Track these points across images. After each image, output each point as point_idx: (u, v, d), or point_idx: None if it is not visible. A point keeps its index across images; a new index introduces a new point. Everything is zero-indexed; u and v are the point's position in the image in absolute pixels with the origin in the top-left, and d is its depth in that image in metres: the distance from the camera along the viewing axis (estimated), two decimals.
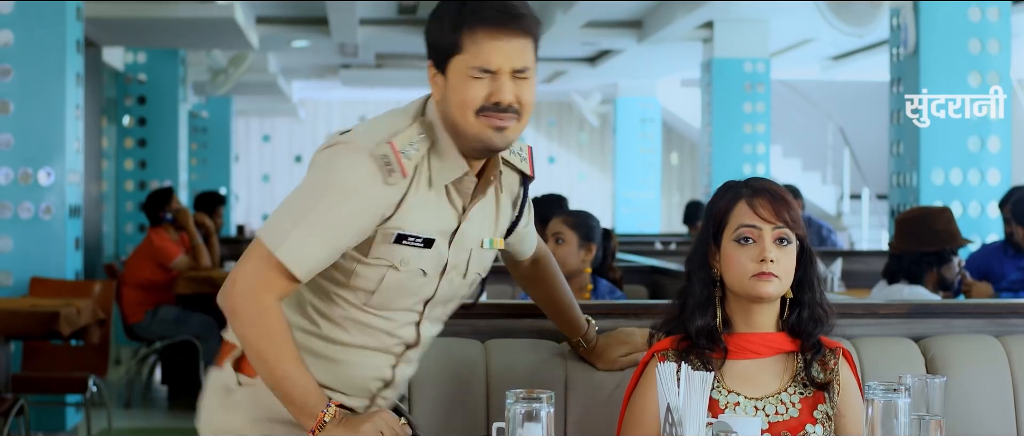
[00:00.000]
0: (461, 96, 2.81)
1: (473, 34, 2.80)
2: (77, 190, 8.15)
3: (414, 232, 2.85)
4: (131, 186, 12.93)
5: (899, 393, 2.42)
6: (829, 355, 3.09)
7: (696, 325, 3.06)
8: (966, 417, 3.49)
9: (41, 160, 7.90)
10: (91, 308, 7.13)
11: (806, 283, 3.09)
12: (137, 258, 9.64)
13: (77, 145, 8.14)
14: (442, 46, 2.83)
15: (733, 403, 3.02)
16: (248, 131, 22.65)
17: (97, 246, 12.23)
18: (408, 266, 2.88)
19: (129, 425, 8.98)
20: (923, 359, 3.55)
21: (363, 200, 2.79)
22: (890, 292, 5.46)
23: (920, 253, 5.48)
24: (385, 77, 16.99)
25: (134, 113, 13.07)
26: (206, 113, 17.66)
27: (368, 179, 2.79)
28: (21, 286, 7.82)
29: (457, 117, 2.82)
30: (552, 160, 22.84)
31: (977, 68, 8.09)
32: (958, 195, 8.13)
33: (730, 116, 13.13)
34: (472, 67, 2.80)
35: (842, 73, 17.29)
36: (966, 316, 3.69)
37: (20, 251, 7.87)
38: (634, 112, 18.58)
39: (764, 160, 13.26)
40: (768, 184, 3.08)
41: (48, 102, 7.91)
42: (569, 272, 5.48)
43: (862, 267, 8.26)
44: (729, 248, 3.03)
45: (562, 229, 5.51)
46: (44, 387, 7.47)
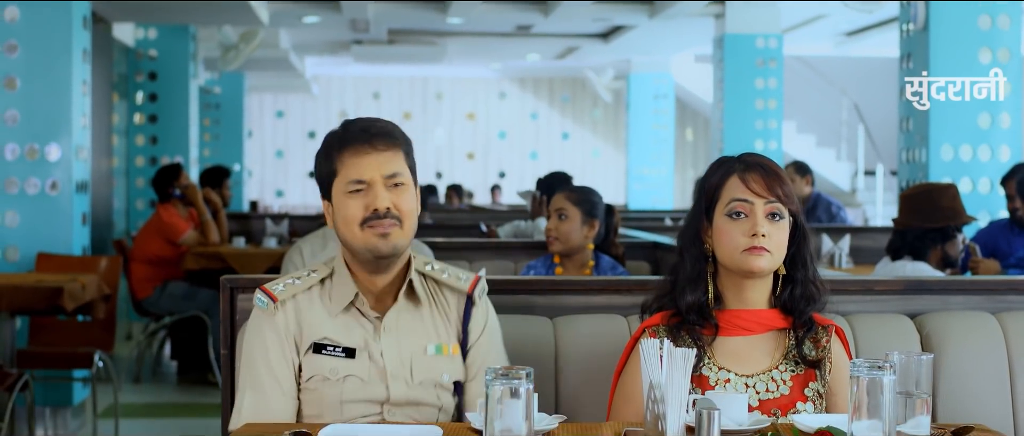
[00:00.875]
0: (344, 214, 3.07)
1: (342, 156, 3.08)
2: (84, 166, 8.14)
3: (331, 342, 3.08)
4: (142, 162, 12.93)
5: (884, 370, 2.40)
6: (821, 332, 3.07)
7: (686, 301, 3.04)
8: (961, 394, 3.47)
9: (48, 136, 7.88)
10: (97, 283, 7.13)
11: (799, 260, 3.07)
12: (146, 234, 9.65)
13: (84, 121, 8.13)
14: (323, 176, 3.13)
15: (723, 380, 3.01)
16: (262, 107, 22.64)
17: (107, 222, 12.23)
18: (337, 374, 3.06)
19: (138, 400, 9.00)
20: (918, 336, 3.53)
21: (264, 340, 3.07)
22: (893, 268, 5.43)
23: (924, 229, 5.44)
24: (397, 53, 16.95)
25: (145, 89, 13.05)
26: (219, 89, 17.64)
27: (260, 324, 3.10)
28: (28, 261, 7.82)
29: (346, 235, 3.08)
30: (566, 136, 22.79)
31: (987, 44, 8.03)
32: (968, 171, 8.08)
33: (742, 92, 13.08)
34: (348, 183, 3.06)
35: (856, 49, 17.22)
36: (963, 293, 3.66)
37: (27, 226, 7.86)
38: (647, 88, 18.52)
39: (776, 136, 13.22)
40: (761, 159, 3.05)
41: (55, 78, 7.89)
42: (572, 248, 5.47)
43: (871, 243, 8.22)
44: (721, 223, 3.02)
45: (565, 205, 5.49)
46: (49, 362, 7.47)
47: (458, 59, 19.60)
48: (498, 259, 6.07)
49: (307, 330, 3.07)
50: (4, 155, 7.83)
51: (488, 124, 22.89)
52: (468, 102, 22.93)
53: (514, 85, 22.88)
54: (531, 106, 22.89)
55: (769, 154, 12.95)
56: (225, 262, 9.29)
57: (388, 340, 3.08)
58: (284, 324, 3.07)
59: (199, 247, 9.50)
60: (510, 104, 22.88)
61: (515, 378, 2.29)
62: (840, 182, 19.17)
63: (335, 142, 3.11)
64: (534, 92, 22.84)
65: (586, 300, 3.59)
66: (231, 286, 3.52)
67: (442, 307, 3.18)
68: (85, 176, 8.18)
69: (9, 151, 7.83)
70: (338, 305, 3.09)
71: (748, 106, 13.09)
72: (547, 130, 22.76)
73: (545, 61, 19.71)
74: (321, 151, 3.14)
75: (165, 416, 8.55)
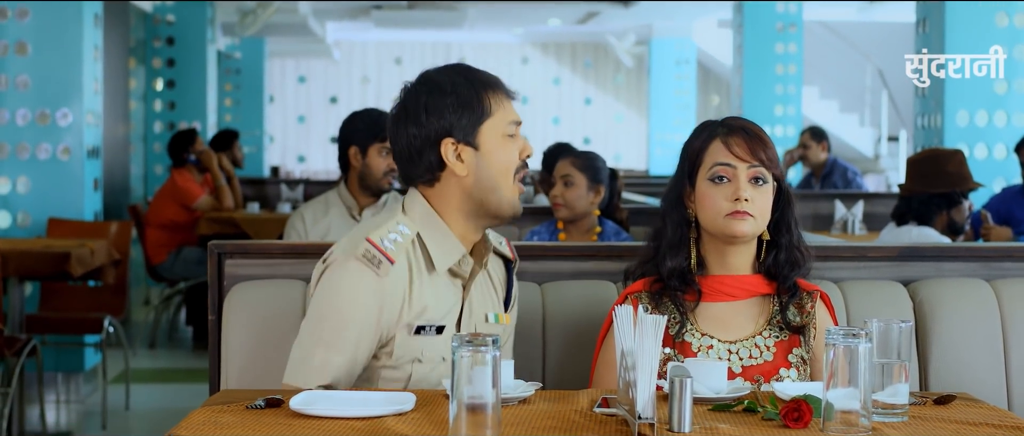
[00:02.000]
0: (505, 160, 2.93)
1: (497, 95, 2.94)
2: (95, 131, 8.13)
3: (427, 322, 2.91)
4: (160, 127, 12.93)
5: (859, 338, 2.36)
6: (806, 298, 3.04)
7: (668, 266, 3.01)
8: (953, 362, 3.42)
9: (59, 101, 7.87)
10: (106, 249, 7.13)
11: (784, 225, 3.03)
12: (160, 199, 9.66)
13: (96, 86, 8.12)
14: (471, 103, 2.91)
15: (706, 346, 2.98)
16: (284, 72, 22.61)
17: (124, 187, 12.26)
18: (429, 354, 2.92)
19: (152, 365, 9.02)
20: (911, 303, 3.48)
21: (365, 304, 2.85)
22: (898, 234, 5.38)
23: (930, 195, 5.39)
24: (417, 18, 16.90)
25: (162, 55, 13.04)
26: (239, 54, 17.63)
27: (361, 282, 2.84)
28: (39, 227, 7.83)
29: (501, 182, 2.92)
30: (588, 101, 22.71)
31: (1003, 9, 7.94)
32: (983, 137, 8.00)
33: (762, 57, 13.00)
34: (509, 123, 2.94)
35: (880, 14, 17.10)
36: (958, 260, 3.61)
37: (38, 192, 7.86)
38: (669, 54, 18.44)
39: (796, 101, 13.14)
40: (744, 123, 3.01)
41: (66, 43, 7.88)
42: (578, 214, 5.44)
43: (885, 209, 8.13)
44: (703, 187, 2.98)
45: (571, 171, 5.46)
46: (59, 327, 7.48)
47: (480, 24, 19.53)
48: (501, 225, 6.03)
49: (407, 302, 2.89)
50: (15, 120, 7.82)
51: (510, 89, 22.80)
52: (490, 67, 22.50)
53: (536, 50, 22.78)
54: (553, 71, 22.80)
55: (788, 119, 12.96)
56: (239, 227, 9.29)
57: (467, 308, 3.00)
58: (391, 292, 2.86)
59: (213, 212, 9.50)
60: (532, 69, 22.79)
61: (481, 345, 2.26)
62: (863, 148, 19.06)
63: (496, 83, 2.97)
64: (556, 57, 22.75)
65: (576, 266, 3.55)
66: (219, 251, 3.49)
67: (497, 273, 3.15)
68: (97, 141, 8.17)
69: (20, 116, 7.83)
70: (442, 264, 2.93)
71: (768, 71, 13.01)
72: (569, 95, 22.67)
73: (566, 26, 19.62)
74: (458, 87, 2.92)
75: (178, 381, 8.57)
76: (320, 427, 2.39)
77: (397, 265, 2.87)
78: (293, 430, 2.36)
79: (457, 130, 2.91)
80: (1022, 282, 3.54)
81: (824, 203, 8.29)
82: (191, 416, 2.48)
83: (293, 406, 2.49)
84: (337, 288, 2.86)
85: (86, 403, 7.78)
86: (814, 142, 10.07)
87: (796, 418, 2.42)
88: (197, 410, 2.54)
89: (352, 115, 5.39)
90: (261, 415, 2.49)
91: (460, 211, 2.96)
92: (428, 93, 2.92)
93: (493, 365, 2.27)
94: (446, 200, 2.96)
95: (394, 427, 2.37)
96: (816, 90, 19.38)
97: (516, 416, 2.51)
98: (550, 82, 22.76)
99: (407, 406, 2.52)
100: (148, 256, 9.57)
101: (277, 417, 2.47)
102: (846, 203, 7.93)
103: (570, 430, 2.39)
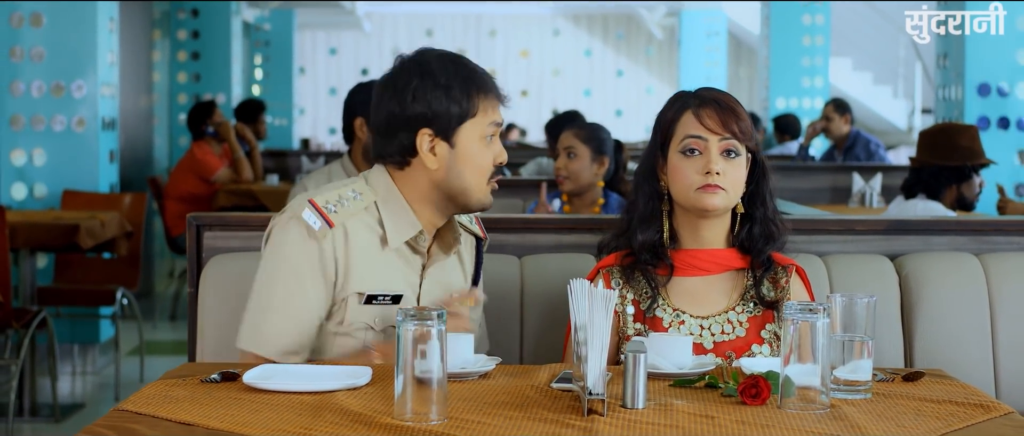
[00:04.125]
0: (479, 162, 2.88)
1: (486, 98, 2.89)
2: (111, 103, 8.13)
3: (380, 291, 2.88)
4: (185, 99, 12.93)
5: (817, 313, 2.31)
6: (781, 272, 2.99)
7: (640, 240, 2.96)
8: (939, 336, 3.37)
9: (74, 72, 7.87)
10: (118, 221, 7.12)
11: (758, 198, 2.98)
12: (179, 171, 9.67)
13: (111, 58, 8.11)
14: (457, 103, 2.86)
15: (677, 322, 2.93)
16: (315, 44, 22.58)
17: (148, 159, 12.27)
18: (383, 323, 2.89)
19: (172, 337, 9.04)
20: (897, 277, 3.43)
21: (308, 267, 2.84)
22: (905, 207, 5.32)
23: (940, 167, 5.32)
24: None
25: (187, 26, 13.04)
26: (268, 26, 17.60)
27: (299, 243, 2.84)
28: (54, 199, 7.84)
29: (470, 182, 2.89)
30: (620, 74, 22.57)
31: None
32: (1004, 109, 7.90)
33: (789, 28, 12.91)
34: (489, 126, 2.89)
35: None
36: (947, 233, 3.55)
37: (53, 164, 7.87)
38: (699, 26, 18.33)
39: (823, 72, 13.05)
40: (717, 94, 2.95)
41: (81, 15, 7.87)
42: (582, 186, 5.40)
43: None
44: (675, 160, 2.93)
45: (574, 143, 5.41)
46: (72, 299, 7.49)
47: None
48: (507, 197, 6.00)
49: (354, 269, 2.85)
50: (30, 92, 7.83)
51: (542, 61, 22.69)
52: (522, 39, 22.71)
53: (568, 22, 22.66)
54: (585, 43, 22.66)
55: (815, 91, 12.86)
56: (257, 199, 9.27)
57: (428, 284, 2.96)
58: (331, 256, 2.84)
59: (232, 184, 9.49)
60: (564, 41, 22.66)
61: (427, 319, 2.23)
62: (896, 120, 18.90)
63: (491, 86, 2.92)
64: (588, 29, 22.62)
65: (556, 238, 3.52)
66: (197, 224, 3.47)
67: (468, 250, 3.12)
68: (113, 113, 8.17)
69: (35, 88, 7.83)
70: (396, 238, 2.90)
71: (795, 42, 12.92)
72: (601, 67, 22.53)
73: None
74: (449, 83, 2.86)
75: None
76: (269, 401, 2.36)
77: (339, 230, 2.85)
78: (241, 405, 2.33)
79: (437, 123, 2.87)
80: (1011, 256, 3.49)
81: (842, 176, 8.20)
82: (143, 390, 2.46)
83: (247, 381, 2.46)
84: (281, 250, 2.86)
85: (101, 375, 7.79)
86: (837, 115, 9.98)
87: (754, 394, 2.37)
88: (152, 383, 2.52)
89: (358, 86, 5.36)
90: (214, 389, 2.46)
91: (426, 199, 2.93)
92: (420, 77, 2.87)
93: (439, 339, 2.23)
94: (412, 185, 2.92)
95: (343, 402, 2.34)
96: (849, 62, 19.22)
97: (470, 391, 2.48)
98: (581, 54, 22.65)
99: (361, 380, 2.49)
100: (168, 228, 9.58)
101: (229, 391, 2.45)
102: (865, 176, 7.84)
103: (521, 405, 2.35)
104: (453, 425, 2.19)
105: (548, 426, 2.20)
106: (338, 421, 2.22)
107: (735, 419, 2.25)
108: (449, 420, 2.23)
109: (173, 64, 13.14)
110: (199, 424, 2.20)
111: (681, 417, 2.26)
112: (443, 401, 2.23)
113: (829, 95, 12.93)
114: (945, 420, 2.27)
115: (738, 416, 2.28)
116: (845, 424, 2.22)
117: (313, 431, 2.15)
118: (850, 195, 7.83)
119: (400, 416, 2.22)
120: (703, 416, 2.27)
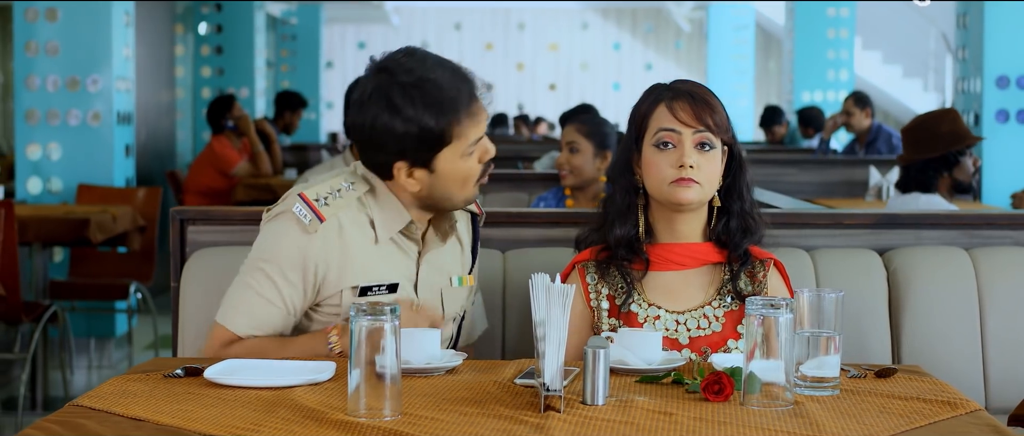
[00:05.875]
0: (463, 175, 2.82)
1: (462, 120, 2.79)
2: (126, 97, 8.14)
3: (375, 282, 2.85)
4: (208, 93, 12.95)
5: (780, 308, 2.28)
6: (758, 266, 2.95)
7: (615, 234, 2.93)
8: (927, 332, 3.33)
9: (89, 67, 7.89)
10: (131, 215, 7.14)
11: (735, 191, 2.94)
12: (199, 165, 9.67)
13: (126, 52, 8.13)
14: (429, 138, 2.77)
15: (653, 317, 2.90)
16: (344, 38, 22.62)
17: (169, 153, 12.30)
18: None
19: None
20: (885, 272, 3.38)
21: (293, 260, 2.81)
22: (904, 201, 5.25)
23: (926, 161, 5.25)
24: None
25: (210, 20, 13.06)
26: (295, 20, 17.63)
27: (289, 237, 2.81)
28: (69, 193, 7.86)
29: (456, 193, 2.85)
30: (649, 67, 22.53)
31: None
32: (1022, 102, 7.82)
33: (814, 21, 12.84)
34: (470, 145, 2.82)
35: None
36: (937, 227, 3.51)
37: (69, 158, 7.89)
38: (727, 19, 18.25)
39: (848, 65, 12.98)
40: (691, 86, 2.91)
41: (96, 9, 7.89)
42: (584, 181, 5.36)
43: None
44: (649, 153, 2.89)
45: (576, 138, 5.36)
46: (84, 294, 7.51)
47: None
48: (508, 191, 5.97)
49: (350, 262, 2.81)
50: (45, 86, 7.85)
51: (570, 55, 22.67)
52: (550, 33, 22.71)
53: (597, 15, 22.63)
54: (614, 37, 22.64)
55: (840, 84, 12.78)
56: (276, 193, 9.25)
57: (425, 271, 2.94)
58: (321, 252, 2.80)
59: (251, 178, 9.49)
60: (592, 35, 22.64)
61: (379, 314, 2.20)
62: None
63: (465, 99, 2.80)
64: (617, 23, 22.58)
65: (542, 233, 3.49)
66: (181, 218, 3.46)
67: (466, 229, 3.09)
68: (128, 108, 8.19)
69: (50, 82, 7.85)
70: (385, 232, 2.86)
71: (820, 35, 12.84)
72: (630, 61, 22.49)
73: None
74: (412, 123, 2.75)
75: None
76: (226, 396, 2.34)
77: (331, 223, 2.81)
78: (197, 400, 2.32)
79: (410, 155, 2.80)
80: (1001, 251, 3.44)
81: (860, 169, 8.14)
82: (103, 385, 2.44)
83: (208, 376, 2.44)
84: (270, 241, 2.85)
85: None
86: (857, 108, 9.89)
87: (717, 391, 2.34)
88: (113, 378, 2.50)
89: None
90: (173, 385, 2.45)
91: (411, 204, 2.89)
92: (388, 113, 2.76)
93: (393, 334, 2.21)
94: (400, 191, 2.88)
95: (301, 398, 2.32)
96: (879, 54, 19.12)
97: (431, 387, 2.45)
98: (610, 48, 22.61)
99: (323, 376, 2.47)
100: None
101: (189, 387, 2.43)
102: (882, 169, 7.77)
103: (479, 402, 2.32)
104: (406, 422, 2.17)
105: (502, 423, 2.17)
106: (290, 417, 2.19)
107: (693, 416, 2.22)
108: (403, 416, 2.20)
109: (197, 58, 13.16)
110: (149, 420, 2.18)
111: (639, 414, 2.23)
112: (397, 397, 2.21)
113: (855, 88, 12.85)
114: (908, 418, 2.23)
115: (697, 413, 2.24)
116: (804, 421, 2.19)
117: (262, 427, 2.13)
118: (867, 189, 7.76)
119: (354, 412, 2.20)
120: (661, 413, 2.24)
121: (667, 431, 2.13)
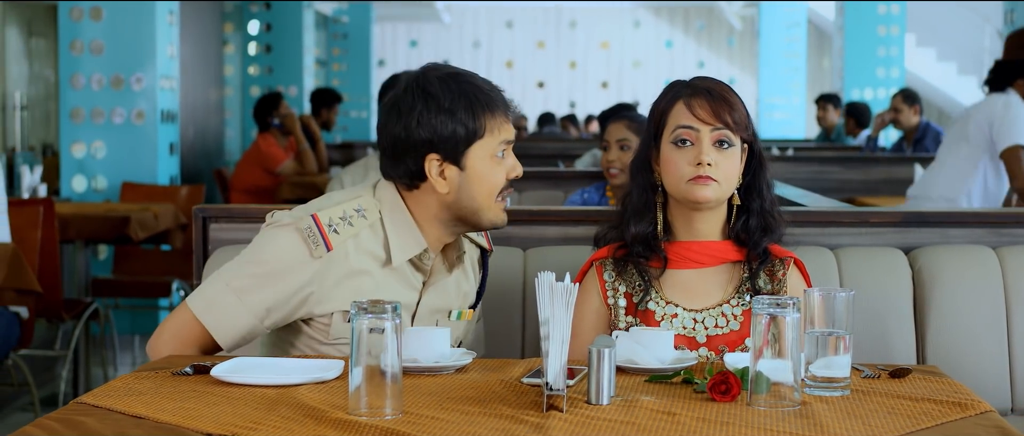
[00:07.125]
0: (492, 181, 2.80)
1: (494, 116, 2.78)
2: (171, 96, 8.19)
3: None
4: (257, 91, 13.00)
5: (786, 308, 2.25)
6: (778, 265, 2.91)
7: (632, 232, 2.90)
8: (953, 332, 3.28)
9: (133, 65, 7.94)
10: (172, 213, 7.18)
11: (755, 189, 2.91)
12: (245, 163, 9.71)
13: (171, 50, 8.17)
14: (464, 126, 2.76)
15: (670, 315, 2.87)
16: (395, 37, 22.66)
17: (218, 151, 12.36)
18: None
19: None
20: (910, 271, 3.34)
21: (289, 274, 2.75)
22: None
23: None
24: None
25: (260, 19, 13.12)
26: (346, 19, 17.69)
27: (290, 253, 2.76)
28: (114, 191, 7.91)
29: (483, 204, 2.80)
30: (701, 65, 22.44)
31: None
32: None
33: (864, 18, 12.74)
34: (501, 143, 2.80)
35: None
36: (964, 226, 3.46)
37: (113, 156, 7.95)
38: (779, 16, 18.15)
39: (899, 63, 12.86)
40: (710, 83, 2.88)
41: (140, 8, 7.94)
42: None
43: None
44: (667, 150, 2.86)
45: (627, 135, 5.28)
46: (127, 291, 7.55)
47: None
48: (541, 188, 5.95)
49: (345, 291, 2.77)
50: (90, 85, 7.91)
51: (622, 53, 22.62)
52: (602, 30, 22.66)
53: (649, 13, 22.57)
54: (666, 34, 22.57)
55: (891, 81, 12.68)
56: (321, 191, 9.27)
57: (426, 301, 2.89)
58: (313, 280, 2.75)
59: (296, 176, 9.52)
60: (644, 33, 22.57)
61: (381, 313, 2.19)
62: None
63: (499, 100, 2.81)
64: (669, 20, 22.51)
65: (564, 231, 3.47)
66: (203, 216, 3.47)
67: (471, 263, 3.04)
68: (173, 106, 8.23)
69: (95, 81, 7.91)
70: (400, 255, 2.81)
71: (870, 32, 12.74)
72: (682, 59, 22.41)
73: None
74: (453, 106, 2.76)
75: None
76: (231, 394, 2.34)
77: (338, 253, 2.76)
78: (201, 398, 2.31)
79: (444, 147, 2.77)
80: None
81: (905, 167, 8.05)
82: (110, 383, 2.45)
83: (215, 374, 2.44)
84: (268, 248, 2.78)
85: None
86: (906, 105, 9.80)
87: (723, 391, 2.31)
88: (122, 376, 2.51)
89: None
90: (179, 382, 2.44)
91: (436, 219, 2.84)
92: (423, 100, 2.77)
93: (394, 334, 2.20)
94: (422, 206, 2.83)
95: (304, 396, 2.31)
96: (933, 52, 18.95)
97: (438, 385, 2.44)
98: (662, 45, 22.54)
99: (330, 374, 2.47)
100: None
101: (195, 385, 2.43)
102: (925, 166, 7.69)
103: (483, 400, 2.31)
104: (406, 420, 2.16)
105: (503, 422, 2.15)
106: (290, 415, 2.19)
107: (697, 416, 2.20)
108: (404, 415, 2.19)
109: (245, 57, 13.22)
110: (149, 418, 2.18)
111: (642, 414, 2.21)
112: (398, 396, 2.20)
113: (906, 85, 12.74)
114: (915, 419, 2.20)
115: (701, 413, 2.22)
116: (809, 422, 2.16)
117: (260, 425, 2.12)
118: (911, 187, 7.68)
119: (355, 410, 2.19)
120: (665, 413, 2.21)
121: (668, 431, 2.11)
